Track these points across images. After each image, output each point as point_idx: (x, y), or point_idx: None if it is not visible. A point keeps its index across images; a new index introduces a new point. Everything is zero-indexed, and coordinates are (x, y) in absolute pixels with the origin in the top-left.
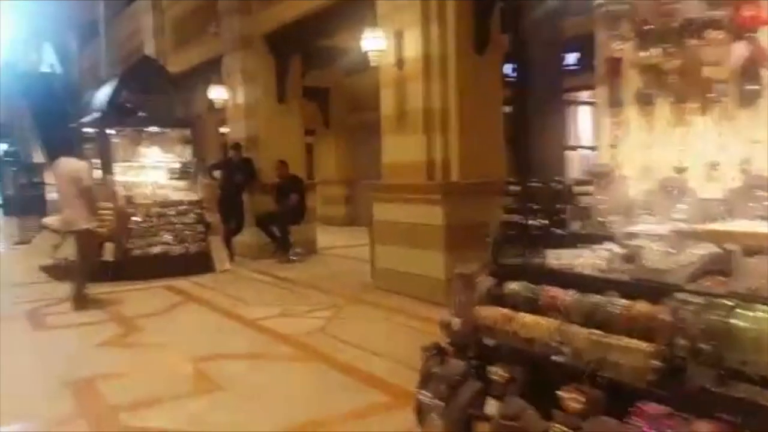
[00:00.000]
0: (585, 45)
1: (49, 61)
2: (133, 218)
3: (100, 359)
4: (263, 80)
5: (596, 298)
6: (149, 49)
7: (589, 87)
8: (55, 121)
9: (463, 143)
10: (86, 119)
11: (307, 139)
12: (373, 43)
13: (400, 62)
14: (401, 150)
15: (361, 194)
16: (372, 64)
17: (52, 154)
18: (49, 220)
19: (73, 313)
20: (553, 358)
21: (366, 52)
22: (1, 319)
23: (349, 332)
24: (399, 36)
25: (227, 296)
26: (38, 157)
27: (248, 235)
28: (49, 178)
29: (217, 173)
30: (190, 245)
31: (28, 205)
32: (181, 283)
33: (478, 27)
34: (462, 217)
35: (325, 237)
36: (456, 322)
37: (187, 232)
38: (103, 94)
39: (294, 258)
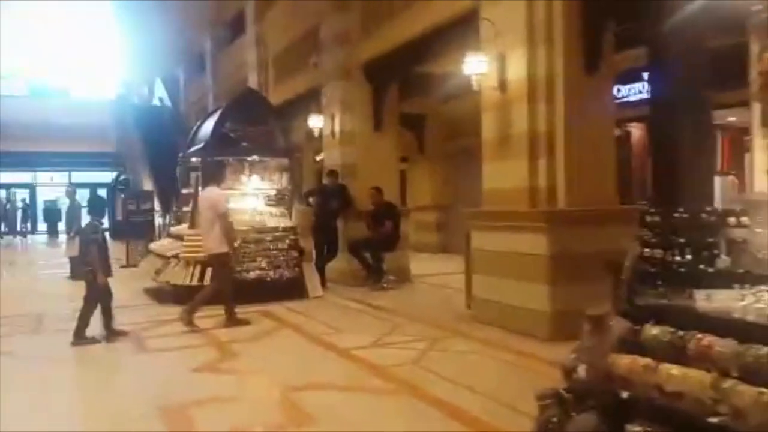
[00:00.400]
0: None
1: (159, 95)
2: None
3: (194, 384)
4: (360, 108)
5: (764, 351)
6: (252, 82)
7: (724, 105)
8: (164, 150)
9: (570, 168)
10: (192, 149)
11: (400, 166)
12: (476, 66)
13: (502, 85)
14: (503, 175)
15: (454, 221)
16: (474, 87)
17: (160, 182)
18: (155, 245)
19: (171, 337)
20: (709, 419)
21: (465, 77)
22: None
23: (445, 365)
24: (502, 58)
25: (320, 323)
26: (147, 184)
27: (341, 262)
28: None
29: (312, 200)
30: (284, 271)
31: (136, 230)
32: (276, 308)
33: (588, 46)
34: (568, 247)
35: (418, 264)
36: (582, 369)
37: (281, 258)
38: (208, 125)
39: (387, 285)
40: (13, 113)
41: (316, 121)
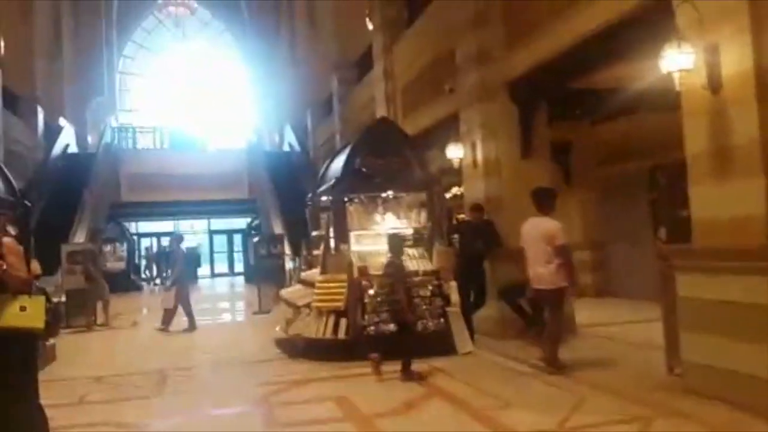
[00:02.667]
0: None
1: (288, 141)
2: (368, 291)
3: None
4: (505, 133)
5: None
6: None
7: None
8: (293, 194)
9: None
10: (322, 188)
11: None
12: (676, 61)
13: (715, 83)
14: (723, 200)
15: (614, 260)
16: (677, 88)
17: (290, 226)
18: (286, 292)
19: (304, 405)
20: None
21: (627, 91)
22: (233, 406)
23: None
24: (713, 50)
25: (479, 391)
26: (277, 228)
27: (490, 309)
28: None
29: (455, 239)
30: (428, 322)
31: (267, 274)
32: (419, 367)
33: None
34: None
35: (578, 312)
36: None
37: (423, 307)
38: (338, 162)
39: None
40: (157, 165)
41: (454, 152)
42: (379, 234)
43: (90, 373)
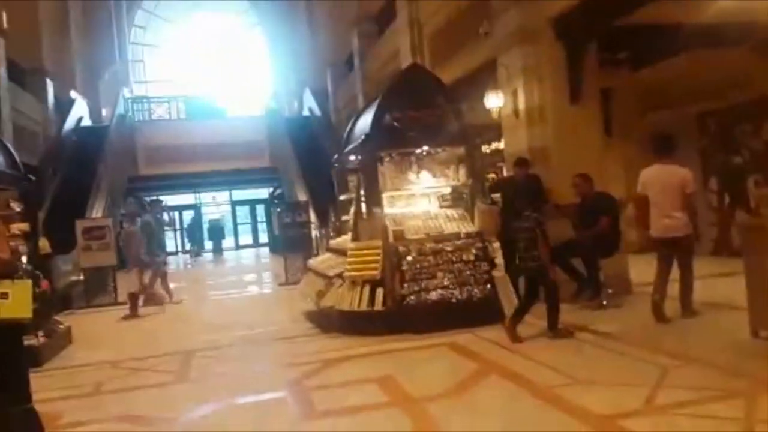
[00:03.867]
0: None
1: (308, 105)
2: (407, 258)
3: None
4: (551, 77)
5: None
6: None
7: None
8: (315, 160)
9: None
10: (349, 147)
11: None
12: None
13: None
14: None
15: None
16: None
17: (314, 193)
18: (314, 262)
19: (344, 389)
20: None
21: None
22: (264, 392)
23: None
24: None
25: (539, 365)
26: (301, 196)
27: None
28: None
29: (496, 197)
30: (473, 289)
31: (293, 244)
32: (467, 338)
33: None
34: None
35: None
36: None
37: (468, 273)
38: (365, 118)
39: (606, 302)
40: (174, 136)
41: (494, 101)
42: (413, 194)
43: (108, 356)
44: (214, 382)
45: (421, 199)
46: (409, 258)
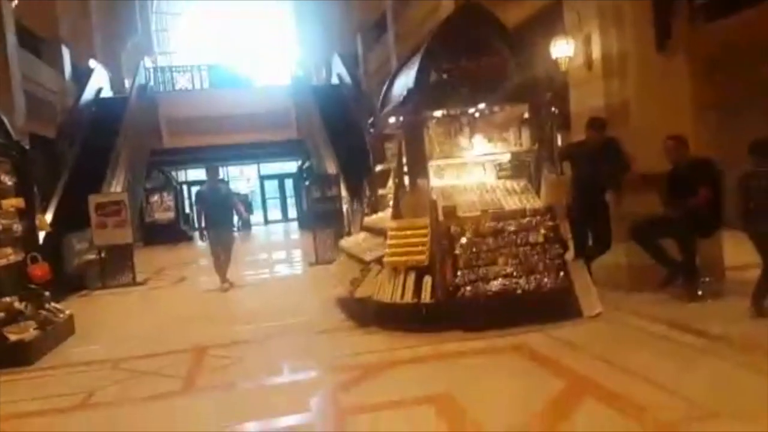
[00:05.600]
0: None
1: (337, 72)
2: (460, 240)
3: None
4: (634, 20)
5: None
6: None
7: None
8: (345, 129)
9: None
10: (387, 109)
11: None
12: None
13: None
14: None
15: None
16: None
17: (345, 164)
18: (348, 242)
19: (391, 412)
20: None
21: None
22: (287, 413)
23: None
24: None
25: (646, 382)
26: (331, 168)
27: (614, 255)
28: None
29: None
30: (542, 277)
31: (323, 220)
32: (538, 340)
33: None
34: None
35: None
36: None
37: (535, 258)
38: (405, 76)
39: (701, 293)
40: (198, 107)
41: (562, 49)
42: (465, 163)
43: (110, 353)
44: (223, 396)
45: (475, 168)
46: (463, 240)
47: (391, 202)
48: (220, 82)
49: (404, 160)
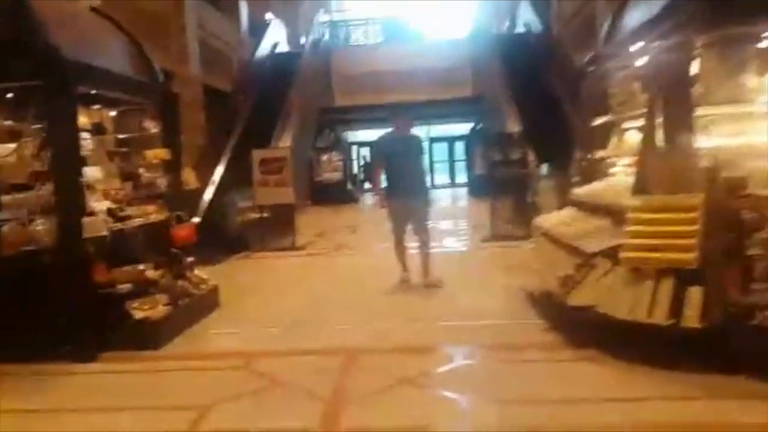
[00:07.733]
0: None
1: (523, 20)
2: (759, 233)
3: None
4: None
5: None
6: None
7: None
8: (531, 84)
9: None
10: (623, 35)
11: None
12: None
13: None
14: None
15: None
16: None
17: (531, 124)
18: (549, 222)
19: None
20: None
21: None
22: None
23: None
24: None
25: None
26: (512, 126)
27: None
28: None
29: None
30: None
31: (503, 187)
32: None
33: None
34: None
35: None
36: None
37: None
38: None
39: None
40: (369, 63)
41: None
42: (752, 113)
43: (247, 342)
44: None
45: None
46: (764, 234)
47: (618, 170)
48: (394, 36)
49: (657, 107)
